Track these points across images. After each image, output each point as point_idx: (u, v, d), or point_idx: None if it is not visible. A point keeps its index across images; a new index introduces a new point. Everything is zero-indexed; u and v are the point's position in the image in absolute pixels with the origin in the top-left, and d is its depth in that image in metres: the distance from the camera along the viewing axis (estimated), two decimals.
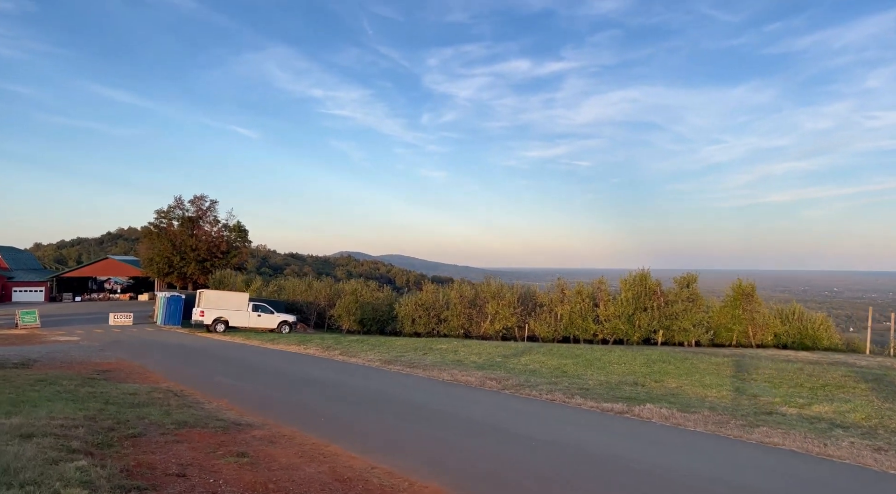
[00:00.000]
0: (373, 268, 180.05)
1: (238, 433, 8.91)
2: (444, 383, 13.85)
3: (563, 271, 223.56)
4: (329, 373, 15.72)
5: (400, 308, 39.25)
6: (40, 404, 9.59)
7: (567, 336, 33.58)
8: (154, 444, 7.78)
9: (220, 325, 29.68)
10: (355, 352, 20.03)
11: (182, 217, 57.99)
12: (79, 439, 7.49)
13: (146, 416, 9.39)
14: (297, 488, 6.31)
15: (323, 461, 7.56)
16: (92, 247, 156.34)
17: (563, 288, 35.37)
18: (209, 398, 12.09)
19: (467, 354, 18.89)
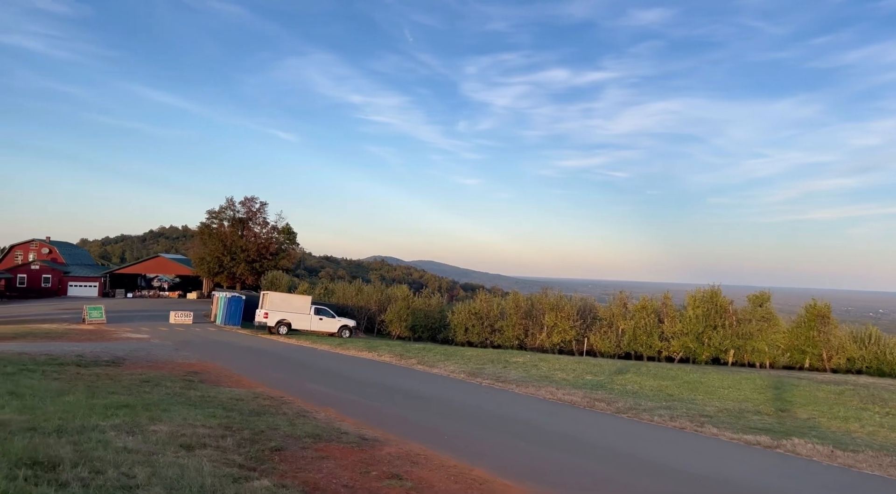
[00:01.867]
0: (406, 274, 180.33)
1: (372, 449, 8.53)
2: (546, 401, 13.32)
3: (596, 283, 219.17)
4: (419, 385, 15.33)
5: (453, 316, 38.85)
6: (170, 408, 9.38)
7: (629, 352, 32.71)
8: (301, 459, 7.44)
9: (282, 328, 29.66)
10: (432, 362, 19.62)
11: (233, 218, 58.70)
12: (232, 451, 7.19)
13: (275, 427, 9.09)
14: None
15: (480, 488, 7.12)
16: (135, 244, 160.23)
17: (625, 303, 34.50)
18: (314, 406, 11.79)
19: (551, 370, 18.32)
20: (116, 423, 7.44)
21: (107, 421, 7.48)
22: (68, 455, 5.53)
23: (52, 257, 62.52)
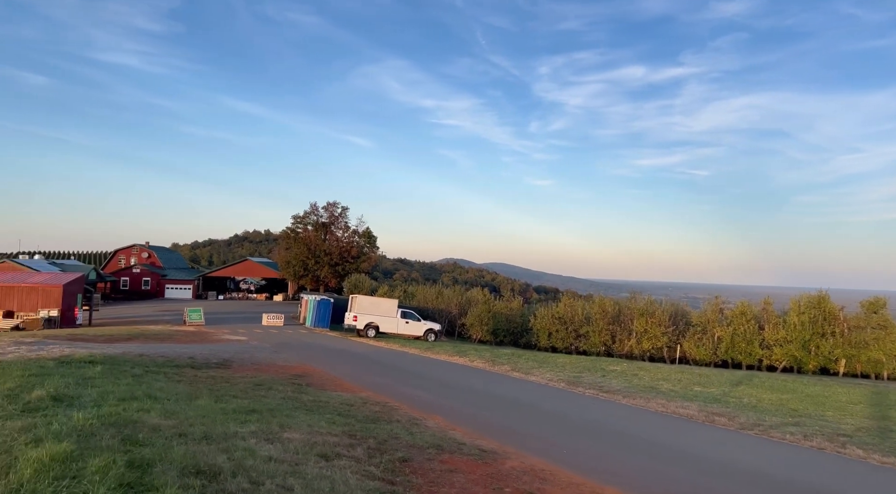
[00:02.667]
0: (478, 276, 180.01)
1: (495, 463, 8.32)
2: (659, 415, 12.71)
3: (677, 285, 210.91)
4: (519, 393, 15.05)
5: (535, 320, 38.26)
6: (292, 414, 9.55)
7: (726, 360, 31.09)
8: (430, 472, 7.33)
9: (371, 330, 30.15)
10: (526, 369, 19.27)
11: (316, 222, 60.51)
12: (365, 461, 7.19)
13: (395, 435, 9.07)
14: None
15: None
16: (221, 247, 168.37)
17: (720, 308, 32.85)
18: (422, 414, 11.74)
19: (654, 380, 17.56)
20: (252, 430, 7.59)
21: (243, 428, 7.64)
22: (226, 465, 5.64)
23: (150, 261, 66.60)
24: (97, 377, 10.63)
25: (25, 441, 5.41)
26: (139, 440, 6.06)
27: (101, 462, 4.87)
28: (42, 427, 6.02)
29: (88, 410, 7.19)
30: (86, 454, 5.21)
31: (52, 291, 30.37)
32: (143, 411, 7.74)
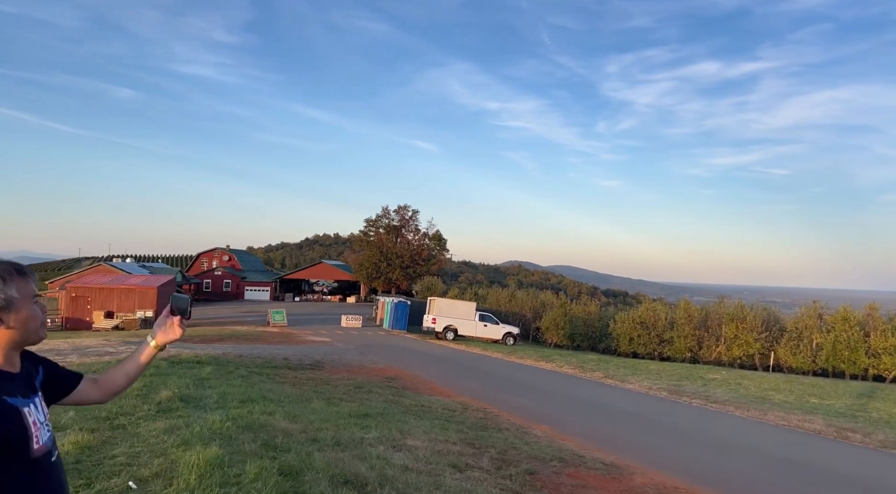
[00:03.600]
0: (543, 279, 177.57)
1: (622, 478, 7.83)
2: (781, 428, 11.82)
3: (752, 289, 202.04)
4: (619, 401, 14.42)
5: (615, 325, 37.11)
6: (403, 419, 9.39)
7: (826, 369, 29.06)
8: (562, 487, 6.94)
9: (449, 333, 30.01)
10: (619, 376, 18.54)
11: (388, 225, 61.23)
12: (494, 473, 6.89)
13: (513, 446, 8.72)
14: None
15: None
16: (293, 250, 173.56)
17: (819, 313, 30.79)
18: (526, 422, 11.34)
19: (761, 389, 16.48)
20: (376, 436, 7.44)
21: (367, 434, 7.50)
22: (369, 474, 5.45)
23: (231, 264, 69.24)
24: (210, 377, 10.83)
25: (175, 444, 5.40)
26: (278, 445, 5.97)
27: (257, 469, 4.76)
28: (184, 429, 6.03)
29: (217, 412, 7.22)
30: (234, 459, 5.13)
31: (147, 293, 31.91)
32: (266, 414, 7.73)
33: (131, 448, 5.20)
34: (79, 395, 1.96)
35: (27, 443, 1.60)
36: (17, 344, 1.69)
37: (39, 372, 1.83)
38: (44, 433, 1.69)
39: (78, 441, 5.14)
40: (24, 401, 1.65)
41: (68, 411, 6.61)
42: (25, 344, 1.72)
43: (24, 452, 1.59)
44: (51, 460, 1.70)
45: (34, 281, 1.74)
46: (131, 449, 5.14)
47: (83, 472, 4.44)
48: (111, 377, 2.05)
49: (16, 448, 1.57)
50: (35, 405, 1.69)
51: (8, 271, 1.67)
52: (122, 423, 6.22)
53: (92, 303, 31.44)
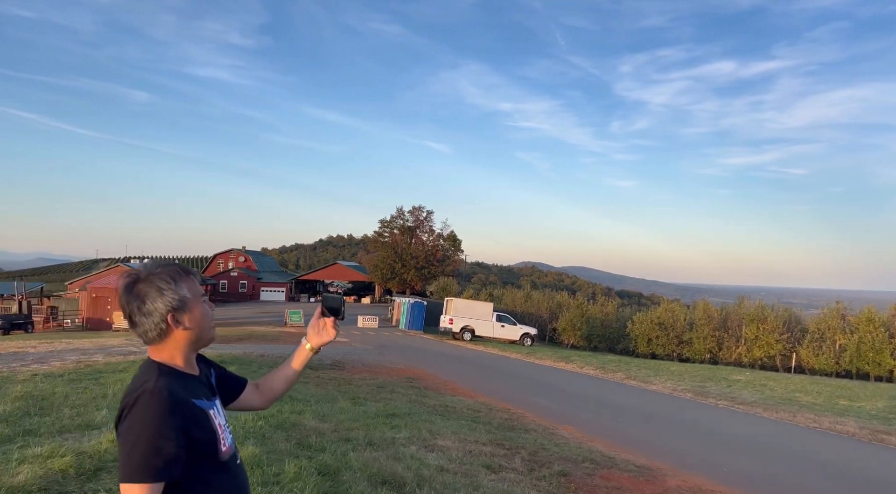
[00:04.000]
0: (557, 279, 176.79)
1: (657, 481, 7.68)
2: (813, 431, 11.59)
3: (769, 290, 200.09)
4: (644, 403, 14.23)
5: (633, 326, 36.83)
6: (430, 419, 9.30)
7: (850, 370, 28.60)
8: (598, 489, 6.81)
9: (466, 334, 29.91)
10: (642, 377, 18.33)
11: (402, 226, 61.26)
12: (527, 474, 6.78)
13: (543, 446, 8.61)
14: None
15: None
16: (307, 251, 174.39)
17: (842, 314, 30.31)
18: (551, 423, 11.21)
19: (788, 391, 16.21)
20: (407, 436, 7.36)
21: (398, 434, 7.42)
22: (406, 474, 5.37)
23: (246, 265, 69.64)
24: None
25: None
26: (312, 444, 5.91)
27: (296, 468, 4.71)
28: None
29: (248, 411, 7.18)
30: (272, 458, 5.07)
31: None
32: (295, 413, 7.68)
33: None
34: (243, 401, 1.93)
35: (216, 446, 1.57)
36: (194, 345, 1.65)
37: (212, 374, 1.80)
38: (227, 435, 1.66)
39: (115, 439, 5.10)
40: (209, 404, 1.62)
41: (101, 409, 6.60)
42: (201, 344, 1.67)
43: (214, 455, 1.56)
44: (236, 462, 1.67)
45: (198, 280, 1.69)
46: None
47: None
48: (270, 382, 2.01)
49: (206, 450, 1.54)
50: (217, 408, 1.67)
51: (177, 272, 1.63)
52: None
53: (112, 304, 31.70)
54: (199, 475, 1.52)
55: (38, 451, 4.63)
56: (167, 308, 1.56)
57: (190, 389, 1.57)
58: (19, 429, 5.52)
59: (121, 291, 1.60)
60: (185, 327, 1.60)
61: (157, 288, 1.57)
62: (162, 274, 1.60)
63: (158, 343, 1.60)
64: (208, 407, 1.60)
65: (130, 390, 1.52)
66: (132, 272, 1.63)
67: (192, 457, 1.50)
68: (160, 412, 1.45)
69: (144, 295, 1.57)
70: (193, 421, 1.51)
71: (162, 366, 1.58)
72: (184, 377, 1.60)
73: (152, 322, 1.57)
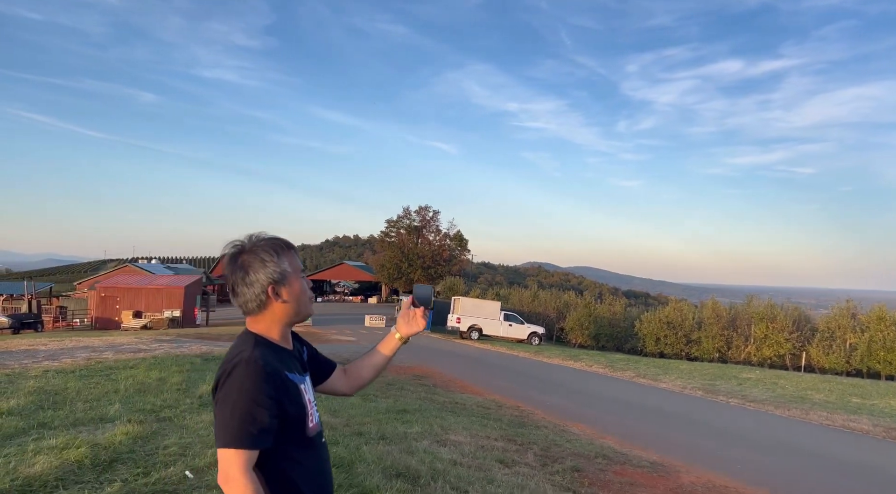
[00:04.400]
0: (563, 280, 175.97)
1: (669, 476, 7.62)
2: (826, 428, 11.49)
3: (777, 290, 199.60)
4: (654, 400, 14.16)
5: (641, 325, 36.67)
6: (441, 415, 9.28)
7: (860, 369, 28.36)
8: (611, 485, 6.76)
9: (474, 333, 29.86)
10: (651, 375, 18.25)
11: (409, 226, 61.28)
12: (540, 468, 6.75)
13: (555, 443, 8.56)
14: None
15: None
16: (314, 252, 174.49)
17: (853, 313, 30.09)
18: (562, 420, 11.16)
19: (799, 389, 16.09)
20: (419, 431, 7.33)
21: (409, 428, 7.40)
22: (420, 467, 5.34)
23: None
24: None
25: None
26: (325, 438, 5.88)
27: None
28: None
29: None
30: None
31: (174, 293, 32.26)
32: None
33: (181, 438, 5.15)
34: (331, 383, 1.96)
35: (305, 421, 1.59)
36: (291, 319, 1.66)
37: (304, 352, 1.82)
38: (315, 412, 1.68)
39: (129, 432, 5.11)
40: (301, 378, 1.64)
41: (114, 403, 6.61)
42: (298, 318, 1.68)
43: (302, 430, 1.59)
44: (321, 440, 1.70)
45: (298, 257, 1.71)
46: (182, 440, 5.09)
47: (138, 461, 4.40)
48: (357, 370, 2.04)
49: (295, 425, 1.56)
50: (307, 384, 1.69)
51: (280, 245, 1.65)
52: (167, 415, 6.19)
53: (121, 303, 31.87)
54: (287, 449, 1.54)
55: (54, 443, 4.63)
56: (268, 279, 1.59)
57: (284, 362, 1.59)
58: (33, 422, 5.53)
59: (226, 261, 1.62)
60: (283, 300, 1.61)
61: (261, 259, 1.59)
62: (265, 247, 1.62)
63: (257, 314, 1.61)
64: (300, 382, 1.62)
65: (227, 359, 1.54)
66: (237, 243, 1.64)
67: (282, 430, 1.51)
68: (255, 381, 1.47)
69: (248, 266, 1.59)
70: (286, 393, 1.53)
71: (258, 337, 1.60)
72: (278, 349, 1.61)
73: (253, 292, 1.59)
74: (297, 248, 1.74)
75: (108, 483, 3.86)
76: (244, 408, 1.44)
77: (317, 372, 1.87)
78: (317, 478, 1.62)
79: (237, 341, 1.61)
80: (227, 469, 1.43)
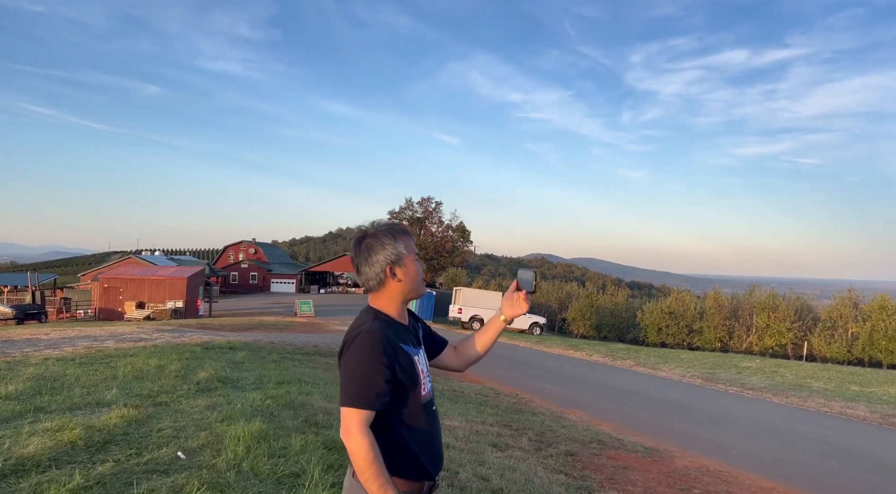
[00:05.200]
0: (567, 271, 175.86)
1: (664, 462, 7.66)
2: (824, 415, 11.53)
3: (781, 281, 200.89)
4: (653, 389, 14.20)
5: (643, 315, 36.69)
6: (439, 403, 9.32)
7: (862, 358, 28.36)
8: (604, 469, 6.82)
9: (475, 323, 29.93)
10: (651, 364, 18.29)
11: (411, 217, 61.26)
12: (534, 452, 6.80)
13: (550, 428, 8.62)
14: None
15: None
16: (317, 244, 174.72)
17: (855, 302, 30.05)
18: (559, 407, 11.23)
19: (798, 377, 16.11)
20: None
21: None
22: None
23: (257, 256, 70.02)
24: (244, 361, 10.90)
25: (218, 419, 5.40)
26: (319, 422, 5.95)
27: (302, 442, 4.75)
28: (226, 406, 6.04)
29: (256, 392, 7.23)
30: (279, 433, 5.11)
31: (177, 284, 32.38)
32: (303, 394, 7.72)
33: (176, 422, 5.21)
34: (442, 358, 2.18)
35: (417, 388, 1.80)
36: (406, 297, 1.89)
37: (419, 328, 2.04)
38: (427, 382, 1.90)
39: (124, 415, 5.17)
40: (415, 350, 1.86)
41: (111, 388, 6.68)
42: (411, 296, 1.90)
43: (415, 396, 1.79)
44: (432, 408, 1.89)
45: (413, 242, 1.93)
46: (176, 424, 5.15)
47: (132, 443, 4.45)
48: (466, 348, 2.21)
49: (408, 391, 1.77)
50: (421, 355, 1.91)
51: (398, 230, 1.88)
52: (164, 401, 6.25)
53: (124, 294, 32.01)
54: (401, 413, 1.75)
55: (49, 425, 4.69)
56: (387, 260, 1.82)
57: (399, 335, 1.80)
58: (30, 406, 5.60)
59: (352, 245, 1.88)
60: (398, 279, 1.84)
61: (381, 242, 1.83)
62: (385, 231, 1.85)
63: (377, 291, 1.86)
64: (413, 353, 1.83)
65: (352, 329, 1.78)
66: (362, 228, 1.89)
67: (397, 395, 1.73)
68: (374, 349, 1.69)
69: (370, 249, 1.83)
70: (399, 363, 1.73)
71: (378, 312, 1.83)
72: (395, 324, 1.83)
73: (374, 272, 1.83)
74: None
75: (100, 463, 3.92)
76: (363, 373, 1.66)
77: (430, 347, 2.09)
78: (428, 441, 1.82)
79: (360, 315, 1.85)
80: (347, 425, 1.64)
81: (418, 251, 2.00)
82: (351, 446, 1.63)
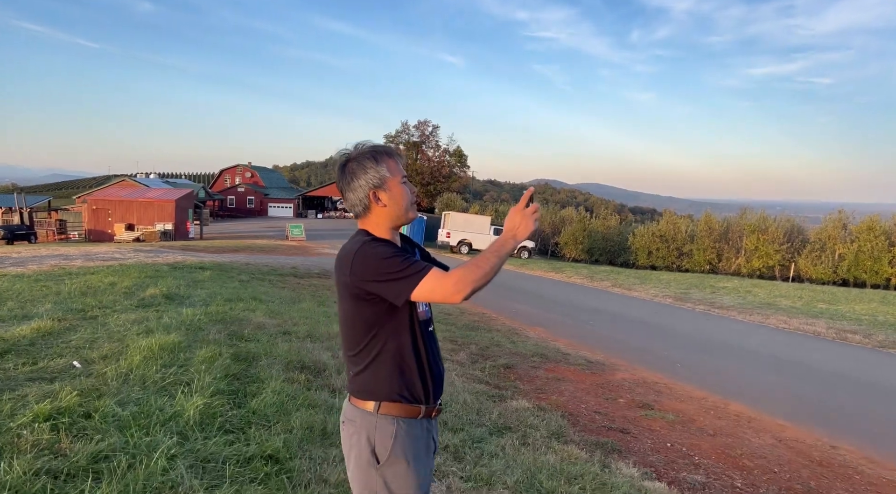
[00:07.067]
0: (570, 197, 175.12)
1: (604, 374, 7.82)
2: (780, 331, 11.69)
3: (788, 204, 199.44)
4: (622, 308, 14.37)
5: (634, 238, 36.76)
6: None
7: (847, 279, 28.58)
8: (537, 380, 6.97)
9: (464, 247, 30.08)
10: (627, 285, 18.44)
11: (407, 141, 60.30)
12: (469, 365, 6.94)
13: (497, 343, 8.77)
14: (777, 466, 4.91)
15: (749, 426, 6.12)
16: (318, 169, 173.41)
17: (844, 223, 29.92)
18: (521, 325, 11.40)
19: (770, 296, 16.27)
20: None
21: None
22: (330, 362, 5.49)
23: (254, 181, 69.66)
24: (206, 280, 10.99)
25: (137, 332, 5.46)
26: (244, 335, 6.03)
27: (208, 353, 4.80)
28: (153, 321, 6.11)
29: (197, 308, 7.30)
30: (193, 346, 5.18)
31: (165, 206, 32.37)
32: (248, 310, 7.81)
33: (91, 334, 5.27)
34: None
35: (415, 304, 1.72)
36: (393, 222, 1.80)
37: (416, 254, 1.94)
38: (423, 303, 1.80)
39: (39, 328, 5.22)
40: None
41: (45, 303, 6.74)
42: (400, 222, 1.82)
43: (412, 314, 1.72)
44: (429, 329, 1.82)
45: (402, 163, 1.84)
46: (90, 335, 5.21)
47: (32, 353, 4.51)
48: None
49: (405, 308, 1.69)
50: None
51: (381, 152, 1.78)
52: (95, 315, 6.32)
53: (113, 216, 32.11)
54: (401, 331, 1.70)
55: None
56: (369, 185, 1.75)
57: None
58: None
59: (337, 169, 1.81)
60: (383, 204, 1.76)
61: (363, 166, 1.75)
62: (368, 154, 1.77)
63: (364, 217, 1.79)
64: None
65: (348, 249, 1.72)
66: (346, 152, 1.80)
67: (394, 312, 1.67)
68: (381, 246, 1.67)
69: (352, 173, 1.76)
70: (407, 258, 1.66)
71: (369, 233, 1.77)
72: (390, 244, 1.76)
73: (357, 197, 1.76)
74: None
75: None
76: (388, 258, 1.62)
77: None
78: (429, 359, 1.77)
79: (353, 236, 1.78)
80: (444, 292, 1.61)
81: (413, 175, 1.83)
82: (466, 288, 1.60)
